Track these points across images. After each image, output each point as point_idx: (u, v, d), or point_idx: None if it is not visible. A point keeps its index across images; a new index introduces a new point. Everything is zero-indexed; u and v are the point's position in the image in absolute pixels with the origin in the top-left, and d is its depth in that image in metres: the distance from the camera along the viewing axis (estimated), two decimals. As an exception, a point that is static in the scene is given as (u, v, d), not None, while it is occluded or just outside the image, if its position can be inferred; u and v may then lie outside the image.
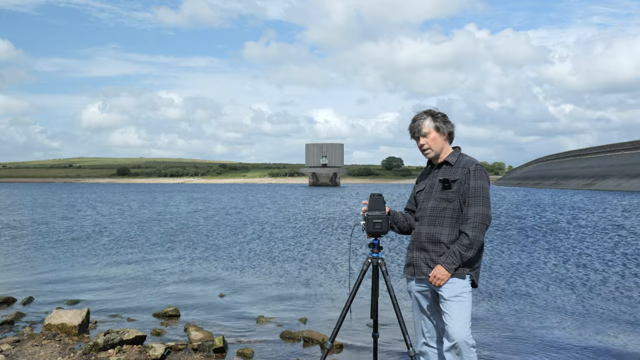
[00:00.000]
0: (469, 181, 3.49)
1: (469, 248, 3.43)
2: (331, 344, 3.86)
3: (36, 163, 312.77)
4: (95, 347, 5.30)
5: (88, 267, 11.11)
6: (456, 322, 3.44)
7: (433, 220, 3.57)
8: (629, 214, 24.85)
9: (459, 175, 3.52)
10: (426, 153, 3.64)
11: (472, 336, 3.47)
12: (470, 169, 3.51)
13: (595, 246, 13.76)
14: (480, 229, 3.42)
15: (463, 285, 3.49)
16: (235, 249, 13.86)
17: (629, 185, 66.56)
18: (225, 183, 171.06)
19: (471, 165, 3.53)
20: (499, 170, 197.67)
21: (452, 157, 3.62)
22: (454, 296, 3.47)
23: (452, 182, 3.52)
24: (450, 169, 3.58)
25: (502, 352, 5.60)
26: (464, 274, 3.49)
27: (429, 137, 3.60)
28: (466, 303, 3.48)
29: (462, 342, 3.42)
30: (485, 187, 3.49)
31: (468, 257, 3.45)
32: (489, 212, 3.48)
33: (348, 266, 10.92)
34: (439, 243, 3.53)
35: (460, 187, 3.51)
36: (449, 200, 3.53)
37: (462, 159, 3.60)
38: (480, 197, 3.45)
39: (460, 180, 3.51)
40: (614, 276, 9.67)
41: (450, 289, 3.48)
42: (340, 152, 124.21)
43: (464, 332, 3.43)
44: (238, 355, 5.40)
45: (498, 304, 7.71)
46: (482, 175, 3.50)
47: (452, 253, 3.45)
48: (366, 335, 6.07)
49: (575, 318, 6.96)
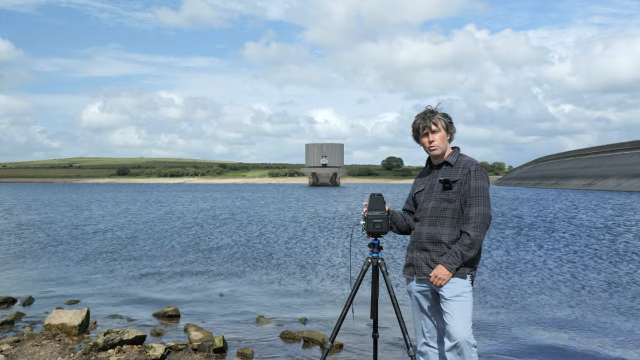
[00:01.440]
0: (469, 181, 3.50)
1: (470, 248, 3.44)
2: (331, 344, 3.86)
3: (36, 163, 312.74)
4: (95, 347, 5.30)
5: (88, 267, 11.11)
6: (457, 321, 3.44)
7: (434, 220, 3.57)
8: (621, 212, 24.86)
9: (460, 176, 3.54)
10: (433, 149, 3.62)
11: (473, 336, 3.47)
12: (470, 170, 3.53)
13: (594, 245, 13.76)
14: (481, 228, 3.44)
15: (464, 285, 3.50)
16: (235, 249, 13.86)
17: (629, 185, 66.58)
18: (225, 183, 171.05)
19: (472, 165, 3.55)
20: (499, 170, 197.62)
21: (452, 157, 3.63)
22: (455, 296, 3.47)
23: (453, 183, 3.53)
24: (451, 170, 3.59)
25: (502, 352, 5.60)
26: (464, 274, 3.50)
27: (438, 135, 3.61)
28: (467, 303, 3.48)
29: (463, 341, 3.42)
30: (486, 187, 3.52)
31: (469, 256, 3.46)
32: (490, 212, 3.50)
33: (349, 266, 10.92)
34: (440, 243, 3.53)
35: (460, 187, 3.52)
36: (450, 201, 3.54)
37: (462, 159, 3.62)
38: (482, 197, 3.47)
39: (461, 181, 3.52)
40: (611, 273, 9.68)
41: (451, 288, 3.48)
42: (340, 152, 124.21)
43: (465, 331, 3.43)
44: (238, 355, 5.40)
45: (497, 304, 7.70)
46: (482, 175, 3.52)
47: (454, 253, 3.46)
48: (366, 335, 6.08)
49: (575, 317, 6.96)
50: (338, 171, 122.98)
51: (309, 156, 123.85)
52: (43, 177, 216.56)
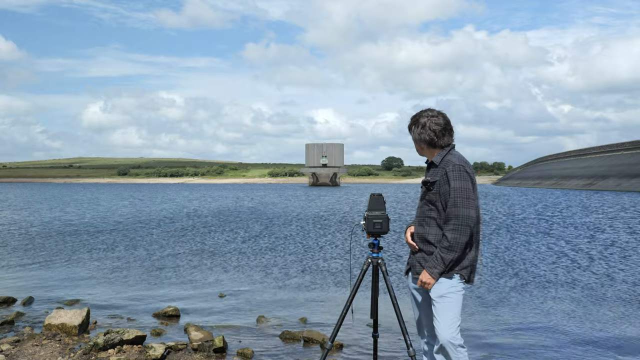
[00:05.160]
0: (448, 182, 3.44)
1: (449, 251, 3.40)
2: (331, 344, 3.87)
3: (36, 163, 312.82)
4: (95, 347, 5.30)
5: (88, 267, 11.11)
6: (440, 322, 3.44)
7: (422, 220, 3.59)
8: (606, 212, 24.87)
9: (439, 177, 3.50)
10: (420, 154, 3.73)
11: (459, 336, 3.45)
12: (447, 170, 3.46)
13: (593, 244, 13.76)
14: (460, 231, 3.37)
15: (449, 285, 3.47)
16: (235, 249, 13.86)
17: (629, 185, 66.56)
18: (225, 183, 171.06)
19: (448, 165, 3.47)
20: (499, 170, 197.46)
21: (437, 157, 3.58)
22: (438, 297, 3.47)
23: (432, 184, 3.52)
24: (435, 170, 3.57)
25: (502, 352, 5.60)
26: (451, 274, 3.48)
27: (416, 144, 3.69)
28: (452, 303, 3.46)
29: (446, 342, 3.42)
30: (465, 187, 3.40)
31: (449, 259, 3.41)
32: (470, 212, 3.38)
33: (349, 266, 10.92)
34: (427, 243, 3.54)
35: (439, 188, 3.48)
36: (432, 202, 3.52)
37: (445, 158, 3.53)
38: (460, 198, 3.38)
39: (439, 182, 3.49)
40: (609, 271, 9.68)
41: (436, 289, 3.48)
42: (340, 152, 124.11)
43: (448, 332, 3.42)
44: (238, 355, 5.40)
45: (496, 303, 7.71)
46: (460, 175, 3.42)
47: (434, 257, 3.44)
48: (366, 335, 6.08)
49: (575, 316, 6.96)
50: (338, 171, 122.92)
51: (309, 156, 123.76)
52: (43, 177, 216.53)
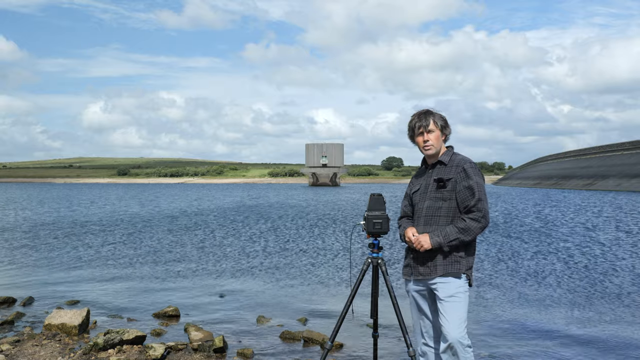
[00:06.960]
0: (468, 179, 3.51)
1: (461, 232, 3.46)
2: (331, 344, 3.87)
3: (36, 163, 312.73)
4: (95, 347, 5.30)
5: (88, 267, 11.11)
6: (450, 322, 3.45)
7: (429, 219, 3.59)
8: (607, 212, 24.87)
9: (453, 174, 3.56)
10: (427, 148, 3.64)
11: (467, 336, 3.47)
12: (465, 167, 3.55)
13: (591, 243, 13.77)
14: (480, 221, 3.47)
15: (458, 285, 3.50)
16: (236, 249, 13.86)
17: (629, 185, 66.56)
18: (225, 183, 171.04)
19: (465, 163, 3.57)
20: (499, 170, 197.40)
21: (445, 156, 3.65)
22: (448, 296, 3.48)
23: (447, 181, 3.55)
24: (445, 168, 3.61)
25: (502, 352, 5.60)
26: (459, 274, 3.50)
27: (433, 134, 3.63)
28: (460, 303, 3.49)
29: (456, 342, 3.43)
30: (483, 184, 3.56)
31: (455, 239, 3.46)
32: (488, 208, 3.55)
33: (349, 266, 10.92)
34: None
35: (455, 185, 3.54)
36: (444, 199, 3.55)
37: (456, 157, 3.64)
38: (483, 193, 3.51)
39: (455, 179, 3.54)
40: (609, 271, 9.68)
41: (445, 289, 3.49)
42: (340, 152, 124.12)
43: (457, 332, 3.44)
44: (238, 355, 5.40)
45: (496, 303, 7.71)
46: (478, 172, 3.58)
47: (444, 230, 3.50)
48: (366, 335, 6.08)
49: (574, 316, 6.96)
50: (338, 171, 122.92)
51: (309, 156, 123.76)
52: (43, 177, 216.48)
